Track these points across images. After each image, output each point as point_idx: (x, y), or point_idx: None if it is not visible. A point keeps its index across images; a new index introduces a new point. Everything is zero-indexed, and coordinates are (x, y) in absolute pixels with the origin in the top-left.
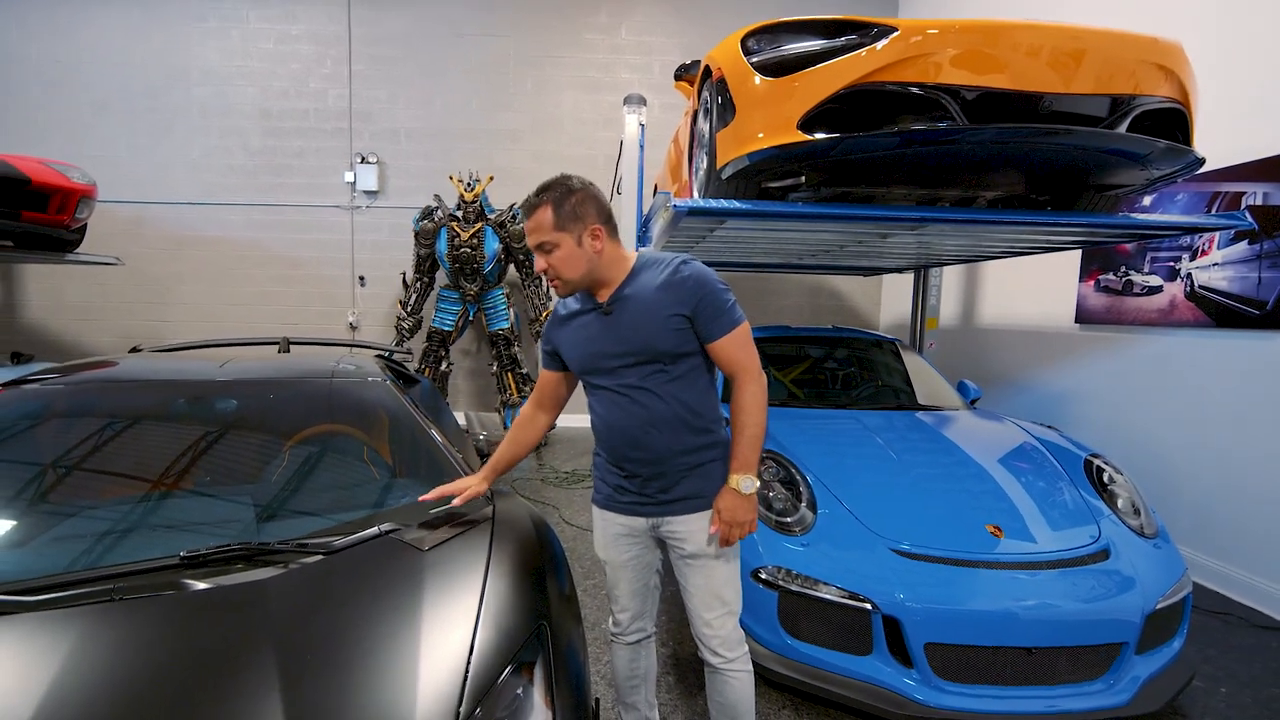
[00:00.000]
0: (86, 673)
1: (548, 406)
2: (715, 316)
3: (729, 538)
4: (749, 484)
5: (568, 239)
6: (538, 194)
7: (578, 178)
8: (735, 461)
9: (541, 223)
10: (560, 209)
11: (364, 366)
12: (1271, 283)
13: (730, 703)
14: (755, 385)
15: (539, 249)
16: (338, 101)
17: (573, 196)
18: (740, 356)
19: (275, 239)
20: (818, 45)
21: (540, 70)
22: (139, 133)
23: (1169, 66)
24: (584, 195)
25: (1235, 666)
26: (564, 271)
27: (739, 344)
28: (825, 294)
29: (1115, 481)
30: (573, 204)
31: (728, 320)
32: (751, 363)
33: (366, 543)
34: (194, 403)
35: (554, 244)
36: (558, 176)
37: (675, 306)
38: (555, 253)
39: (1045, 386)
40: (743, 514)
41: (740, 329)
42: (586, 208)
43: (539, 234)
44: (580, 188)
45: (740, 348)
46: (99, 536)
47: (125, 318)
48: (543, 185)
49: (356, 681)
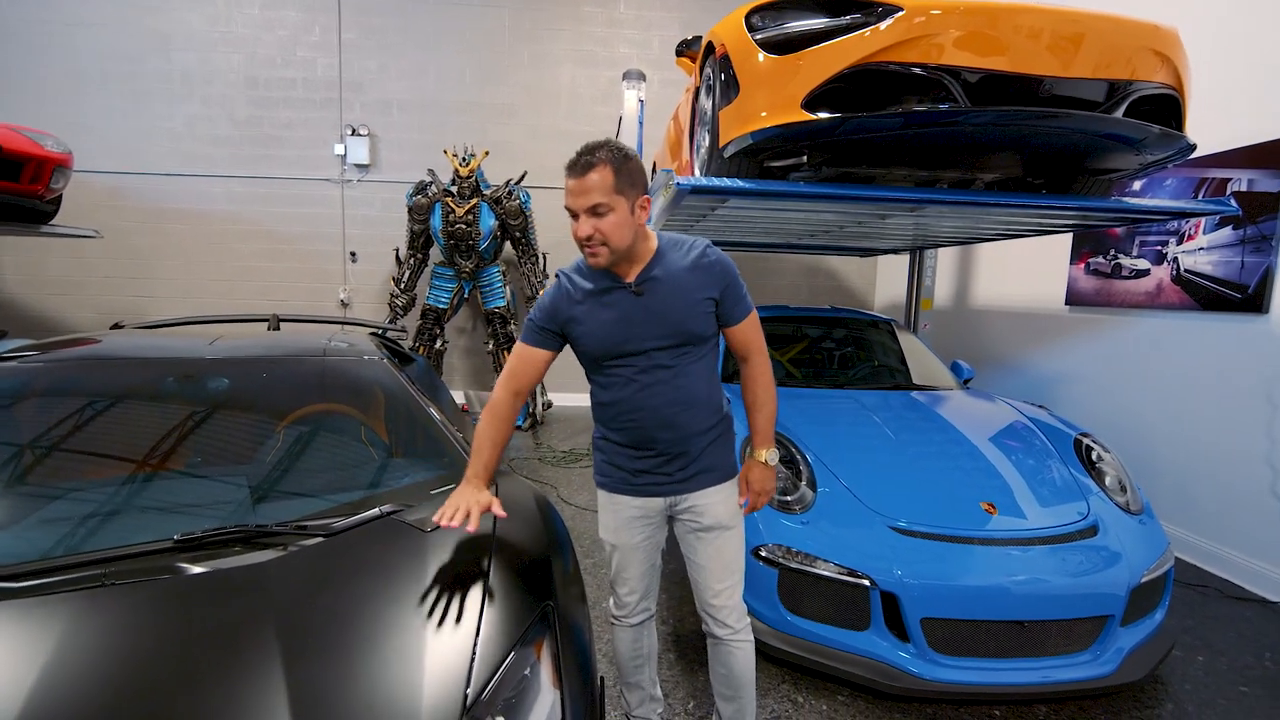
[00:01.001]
0: (78, 660)
1: (523, 390)
2: (737, 301)
3: (757, 505)
4: (774, 456)
5: (623, 204)
6: (591, 152)
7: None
8: (758, 437)
9: (600, 183)
10: (620, 170)
11: (359, 344)
12: (1254, 267)
13: (734, 674)
14: (768, 365)
15: (591, 211)
16: (327, 71)
17: (630, 161)
18: (756, 339)
19: (262, 212)
20: (822, 23)
21: (537, 43)
22: (117, 100)
23: (1165, 53)
24: (638, 164)
25: (1212, 636)
26: (614, 238)
27: (755, 327)
28: (822, 274)
29: (1103, 460)
30: (631, 168)
31: (746, 305)
32: (763, 344)
33: (368, 524)
34: (184, 381)
35: (610, 207)
36: (605, 139)
37: (706, 289)
38: (609, 217)
39: (1036, 367)
40: (770, 483)
41: (754, 314)
42: (640, 175)
43: (594, 194)
44: (634, 154)
45: (756, 331)
46: (88, 519)
47: (105, 292)
48: (592, 145)
49: (362, 665)
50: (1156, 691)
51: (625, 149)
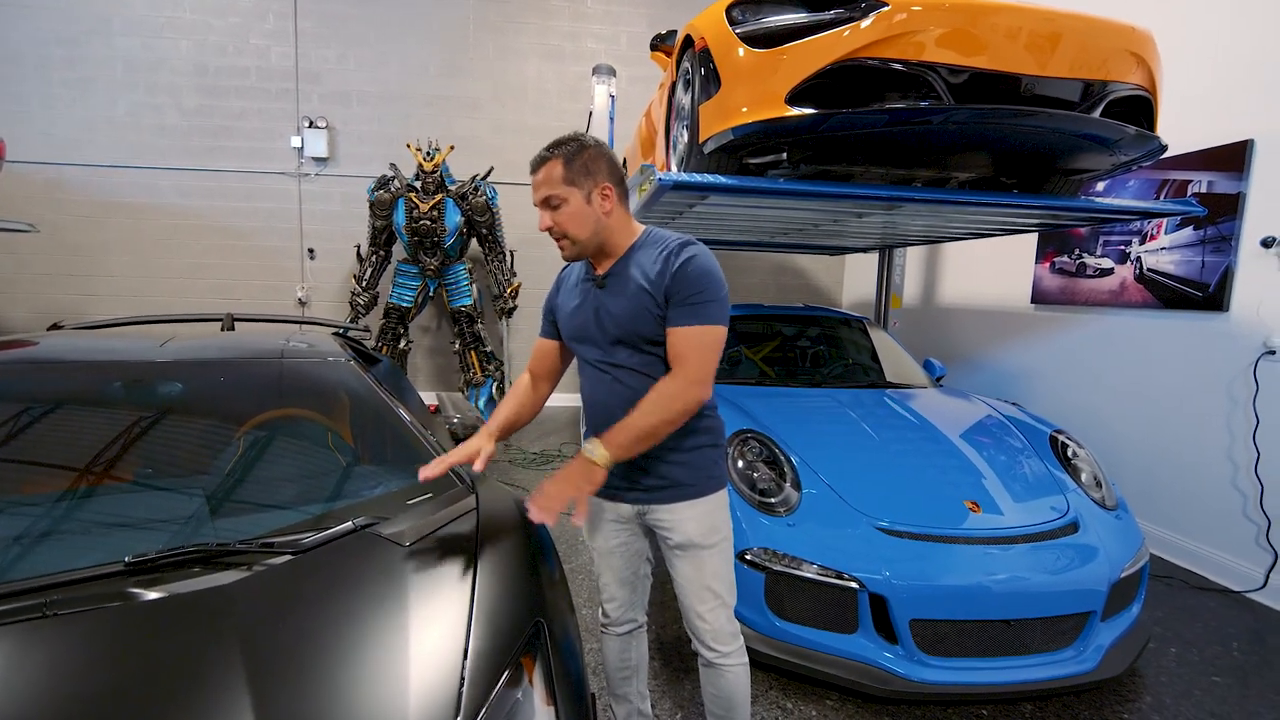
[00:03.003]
0: (14, 703)
1: (542, 376)
2: (683, 302)
3: (535, 501)
4: (598, 454)
5: (576, 194)
6: (549, 148)
7: (591, 136)
8: (609, 430)
9: (550, 176)
10: (571, 162)
11: (320, 344)
12: (1213, 266)
13: (725, 695)
14: (681, 386)
15: (545, 204)
16: (282, 60)
17: (585, 152)
18: (686, 352)
19: (213, 206)
20: (804, 18)
21: (502, 36)
22: (55, 86)
23: (1140, 54)
24: (596, 152)
25: (1181, 627)
26: (570, 229)
27: (691, 340)
28: (790, 273)
29: (1078, 456)
30: (585, 159)
31: (695, 313)
32: (695, 366)
33: (341, 539)
34: (131, 386)
35: (562, 199)
36: (569, 134)
37: (657, 290)
38: (563, 209)
39: (1002, 364)
40: (567, 476)
41: (706, 329)
42: (599, 164)
43: (546, 187)
44: (593, 144)
45: (691, 344)
46: (25, 541)
47: (42, 290)
48: (554, 141)
49: (340, 697)
50: (1135, 685)
51: (584, 141)
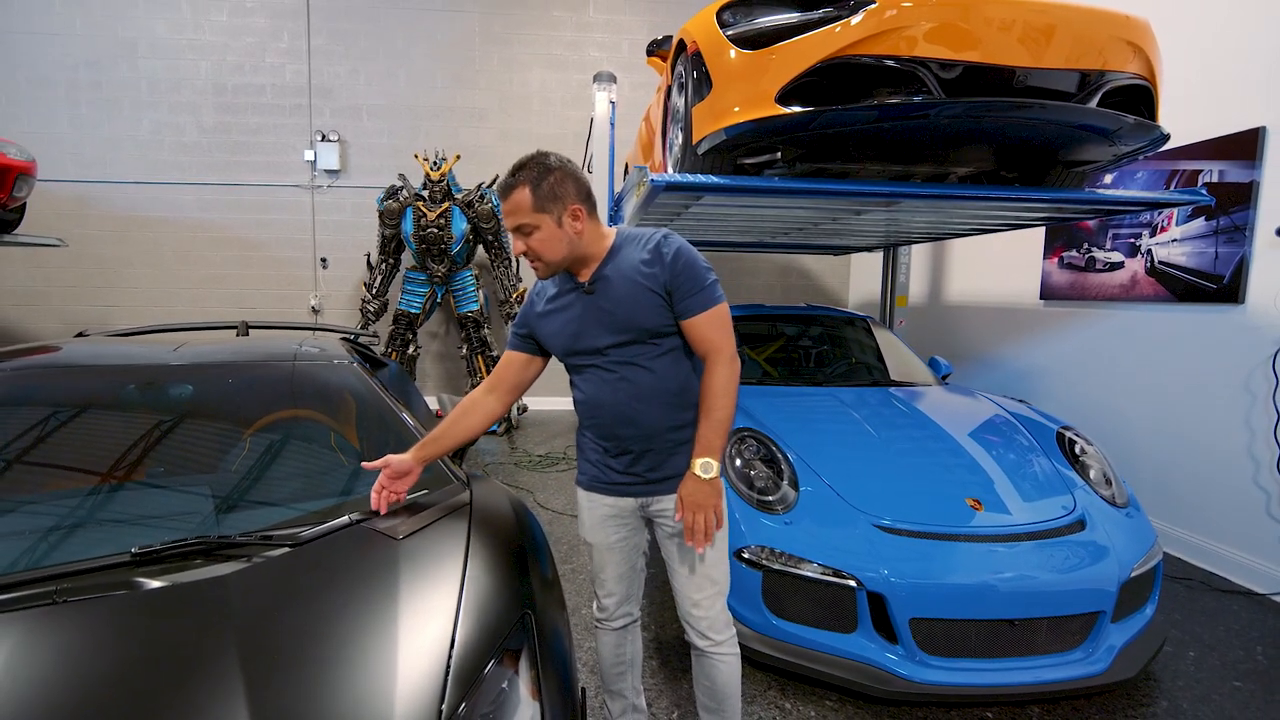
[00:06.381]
0: (25, 683)
1: (504, 390)
2: (691, 293)
3: (693, 525)
4: (710, 468)
5: (547, 220)
6: (513, 174)
7: (554, 154)
8: (698, 445)
9: (519, 204)
10: (538, 189)
11: (329, 349)
12: (1228, 257)
13: (718, 686)
14: (726, 368)
15: (517, 231)
16: (296, 77)
17: (550, 175)
18: (713, 336)
19: (231, 220)
20: (794, 18)
21: (507, 47)
22: (82, 108)
23: (1137, 43)
24: (562, 174)
25: (1201, 630)
26: (545, 254)
27: (713, 323)
28: (795, 273)
29: (1086, 453)
30: (551, 183)
31: (704, 298)
32: (725, 344)
33: (336, 533)
34: (146, 388)
35: (533, 226)
36: (533, 154)
37: (655, 281)
38: (535, 235)
39: (1012, 361)
40: (704, 498)
41: (717, 309)
42: (565, 186)
43: (517, 216)
44: (558, 165)
45: (714, 327)
46: (40, 534)
47: (69, 302)
48: (518, 164)
49: (330, 682)
50: (1150, 689)
51: (548, 163)
